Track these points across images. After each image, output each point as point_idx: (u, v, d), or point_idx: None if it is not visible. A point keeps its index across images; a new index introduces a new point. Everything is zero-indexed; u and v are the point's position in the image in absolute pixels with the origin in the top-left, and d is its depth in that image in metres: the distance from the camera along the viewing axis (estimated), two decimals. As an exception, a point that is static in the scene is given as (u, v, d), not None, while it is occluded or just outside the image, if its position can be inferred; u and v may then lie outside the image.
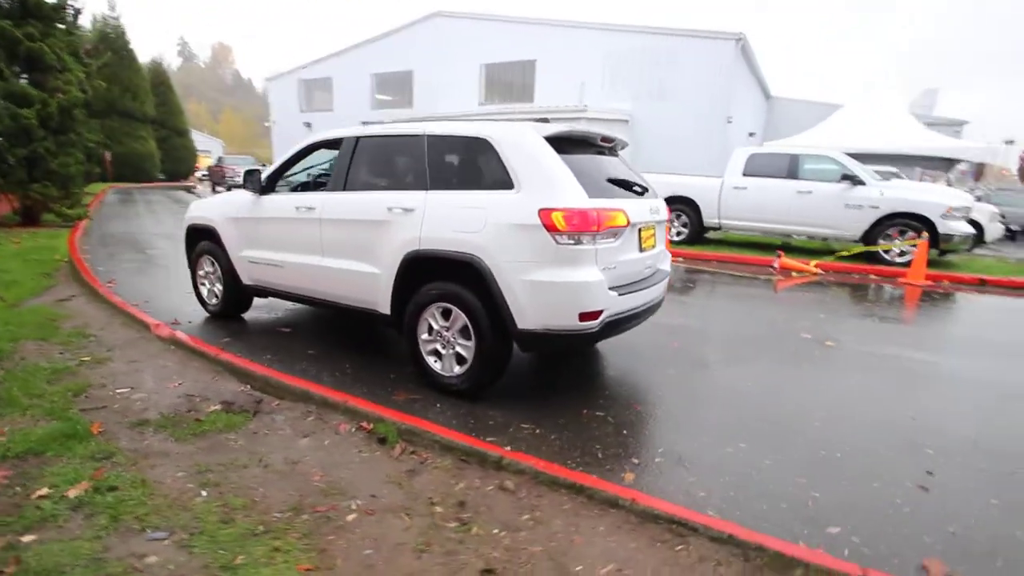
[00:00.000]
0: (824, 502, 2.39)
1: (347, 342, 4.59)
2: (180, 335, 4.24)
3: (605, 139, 3.70)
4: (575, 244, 3.04)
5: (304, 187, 4.94)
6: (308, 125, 25.10)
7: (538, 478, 2.42)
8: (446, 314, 3.44)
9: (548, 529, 2.14)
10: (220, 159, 23.66)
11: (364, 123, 23.58)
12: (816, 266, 8.31)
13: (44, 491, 2.21)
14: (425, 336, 3.55)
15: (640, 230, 3.55)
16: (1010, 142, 27.12)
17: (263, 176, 4.45)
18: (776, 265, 8.23)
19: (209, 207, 5.03)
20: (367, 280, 3.76)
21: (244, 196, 4.63)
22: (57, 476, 2.33)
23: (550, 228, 3.01)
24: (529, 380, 3.89)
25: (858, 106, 17.22)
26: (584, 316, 3.09)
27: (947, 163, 16.58)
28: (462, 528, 2.13)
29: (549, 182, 3.11)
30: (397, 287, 3.58)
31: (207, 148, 41.04)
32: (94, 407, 3.08)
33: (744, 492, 2.44)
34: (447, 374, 3.49)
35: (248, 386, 3.48)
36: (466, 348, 3.38)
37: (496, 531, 2.12)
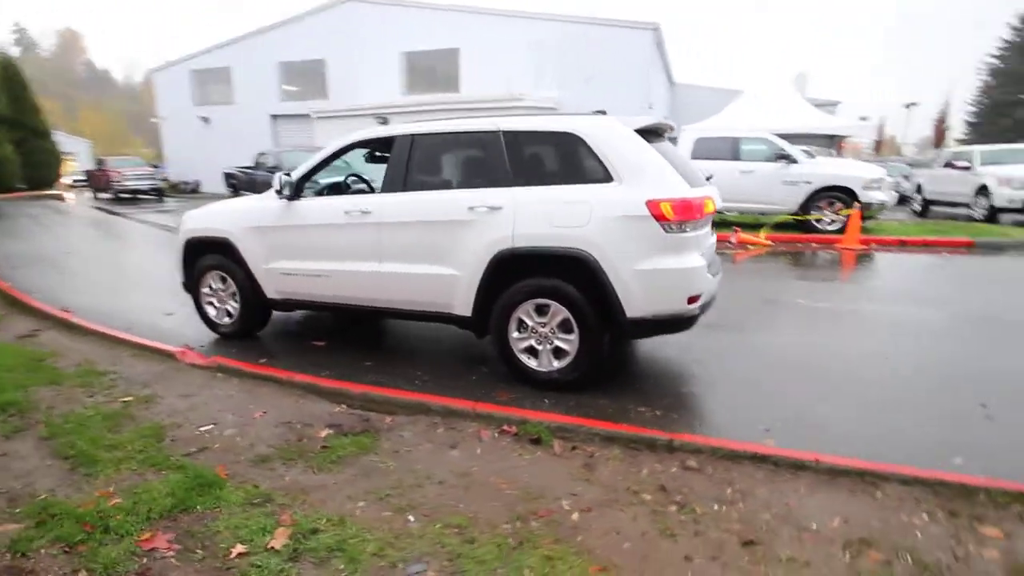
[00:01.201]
0: (925, 439, 2.78)
1: (393, 349, 4.40)
2: (226, 361, 3.82)
3: (670, 127, 3.86)
4: (681, 232, 3.18)
5: (332, 190, 4.61)
6: (206, 120, 22.78)
7: (716, 454, 2.56)
8: (541, 310, 3.44)
9: (758, 498, 2.29)
10: (101, 162, 20.75)
11: (273, 116, 21.96)
12: (766, 238, 9.19)
13: (241, 548, 1.96)
14: (516, 334, 3.53)
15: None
16: (864, 118, 31.37)
17: (294, 180, 4.09)
18: (734, 240, 8.98)
19: (218, 217, 4.52)
20: (441, 283, 3.64)
21: (267, 203, 4.23)
22: (238, 529, 2.07)
23: (659, 218, 3.12)
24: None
25: (755, 91, 18.96)
26: (691, 300, 3.26)
27: (829, 140, 18.87)
28: (685, 511, 2.22)
29: (651, 174, 3.21)
30: (482, 288, 3.51)
31: (72, 150, 35.81)
32: (193, 450, 2.72)
33: (871, 441, 2.77)
34: (544, 369, 3.50)
35: (344, 406, 3.25)
36: (567, 341, 3.41)
37: (716, 507, 2.23)
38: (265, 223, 4.19)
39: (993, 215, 11.43)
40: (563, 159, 3.47)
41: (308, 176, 4.20)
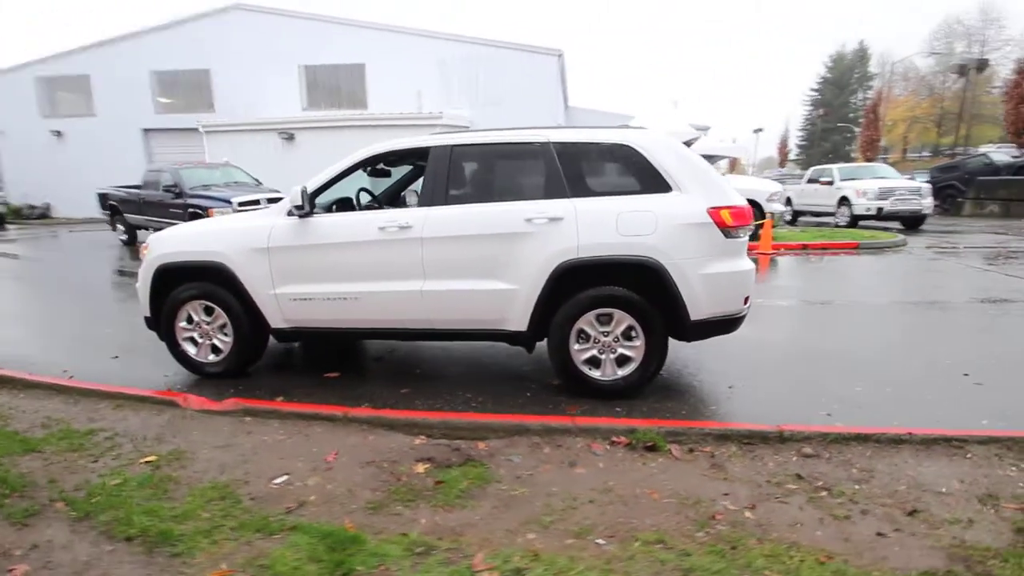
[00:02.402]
0: (947, 405, 3.26)
1: (423, 375, 4.12)
2: (254, 402, 3.29)
3: (695, 140, 4.11)
4: (736, 237, 3.39)
5: (341, 205, 4.22)
6: (58, 134, 19.47)
7: (826, 438, 2.74)
8: (604, 319, 3.46)
9: (883, 473, 2.49)
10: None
11: (145, 130, 19.48)
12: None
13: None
14: (577, 346, 3.50)
15: None
16: (734, 141, 36.00)
17: (308, 195, 3.68)
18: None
19: (205, 239, 3.91)
20: (495, 299, 3.50)
21: (272, 220, 3.77)
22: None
23: (720, 224, 3.31)
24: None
25: (646, 116, 20.77)
26: (745, 300, 3.49)
27: (710, 159, 21.23)
28: (835, 493, 2.34)
29: (706, 183, 3.40)
30: (541, 301, 3.44)
31: None
32: (292, 506, 2.31)
33: (921, 408, 3.17)
34: (607, 379, 3.50)
35: (423, 437, 2.96)
36: (631, 348, 3.46)
37: (857, 487, 2.39)
38: (275, 243, 3.71)
39: (854, 222, 13.59)
40: (619, 170, 3.54)
41: (320, 192, 3.82)
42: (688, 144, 3.76)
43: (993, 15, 41.71)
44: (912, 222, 13.41)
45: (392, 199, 4.97)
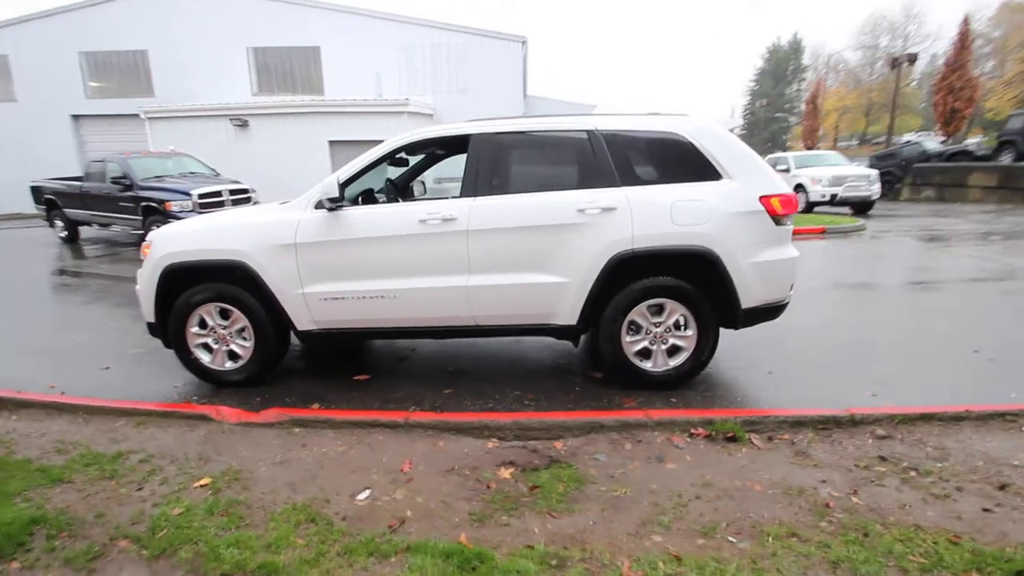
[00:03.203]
0: (972, 381, 3.47)
1: (460, 372, 3.96)
2: (303, 412, 3.04)
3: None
4: (784, 225, 3.43)
5: (366, 197, 3.95)
6: (-31, 121, 17.46)
7: (894, 419, 2.83)
8: (656, 310, 3.43)
9: (956, 450, 2.59)
10: None
11: (75, 116, 17.83)
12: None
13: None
14: (628, 338, 3.46)
15: None
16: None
17: (339, 185, 3.42)
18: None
19: (222, 235, 3.57)
20: (545, 292, 3.40)
21: (297, 215, 3.49)
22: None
23: (771, 212, 3.33)
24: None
25: (609, 105, 20.96)
26: (791, 287, 3.54)
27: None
28: (923, 473, 2.41)
29: (758, 172, 3.40)
30: (593, 293, 3.36)
31: None
32: (395, 524, 2.13)
33: (949, 386, 3.35)
34: (659, 370, 3.49)
35: (494, 440, 2.83)
36: (682, 338, 3.45)
37: (940, 465, 2.47)
38: (304, 239, 3.44)
39: (809, 208, 14.26)
40: (667, 158, 3.47)
41: (349, 183, 3.56)
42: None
43: (914, 11, 44.81)
44: (862, 207, 14.22)
45: (402, 190, 4.75)
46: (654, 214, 3.30)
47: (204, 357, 3.69)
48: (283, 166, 14.42)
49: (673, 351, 3.48)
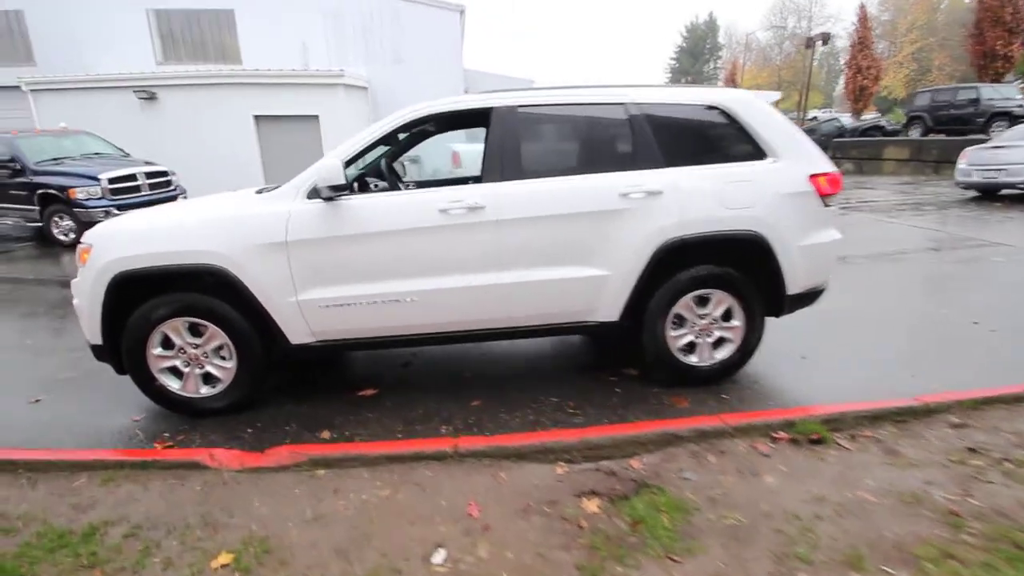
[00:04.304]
0: (987, 356, 3.54)
1: (479, 375, 3.54)
2: (323, 448, 2.50)
3: None
4: (830, 205, 3.25)
5: (361, 185, 3.35)
6: None
7: (963, 405, 2.74)
8: (701, 301, 3.17)
9: (1035, 436, 2.55)
10: None
11: None
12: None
13: None
14: (673, 332, 3.18)
15: None
16: None
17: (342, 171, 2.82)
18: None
19: (194, 233, 2.87)
20: (585, 287, 3.04)
21: (287, 205, 2.89)
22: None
23: (820, 192, 3.14)
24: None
25: (548, 80, 20.56)
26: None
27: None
28: (1015, 462, 2.33)
29: (803, 148, 3.18)
30: (639, 285, 3.04)
31: None
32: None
33: (967, 362, 3.37)
34: (705, 364, 3.25)
35: (562, 463, 2.45)
36: (728, 329, 3.22)
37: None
38: (297, 235, 2.84)
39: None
40: (709, 135, 3.18)
41: (347, 166, 2.98)
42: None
43: (817, -6, 47.54)
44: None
45: (380, 172, 4.16)
46: (704, 197, 3.00)
47: (172, 384, 3.02)
48: (203, 145, 12.92)
49: (718, 343, 3.25)
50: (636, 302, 3.08)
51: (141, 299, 2.89)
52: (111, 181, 8.42)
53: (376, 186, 3.61)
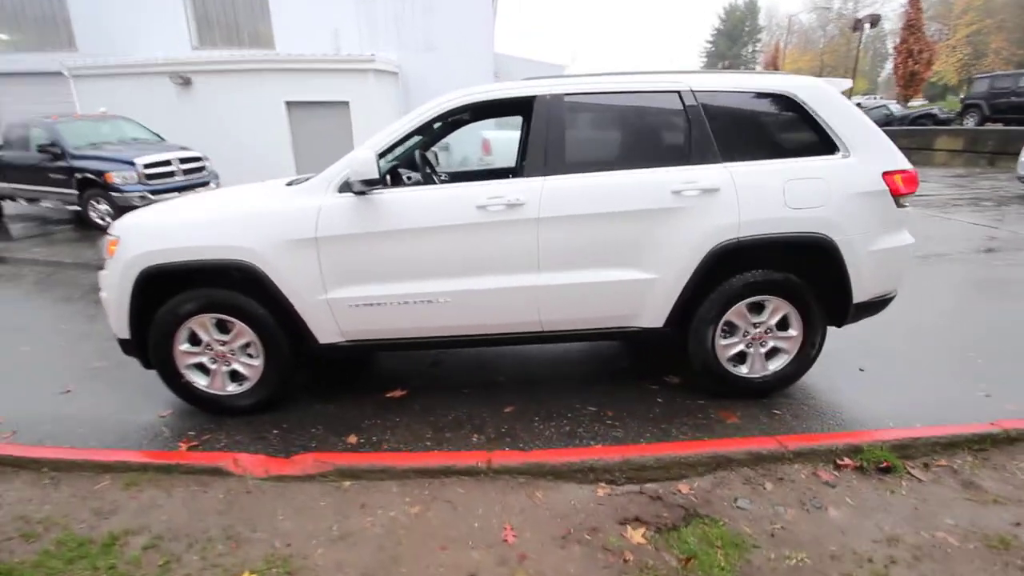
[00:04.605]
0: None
1: (513, 379, 3.38)
2: (348, 457, 2.38)
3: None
4: (904, 206, 2.95)
5: (393, 177, 3.19)
6: None
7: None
8: (755, 308, 2.92)
9: None
10: None
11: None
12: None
13: None
14: (723, 341, 2.95)
15: None
16: None
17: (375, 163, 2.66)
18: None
19: (224, 227, 2.76)
20: (629, 291, 2.83)
21: (318, 199, 2.74)
22: None
23: (894, 191, 2.84)
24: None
25: (581, 67, 20.07)
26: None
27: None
28: None
29: (877, 143, 2.88)
30: (688, 290, 2.81)
31: None
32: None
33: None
34: (756, 375, 3.02)
35: (603, 484, 2.27)
36: (784, 340, 2.97)
37: None
38: (327, 231, 2.70)
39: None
40: (777, 126, 2.90)
41: (381, 157, 2.81)
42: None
43: (866, -26, 45.22)
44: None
45: (413, 162, 3.98)
46: (765, 196, 2.74)
47: (199, 380, 2.94)
48: (236, 131, 12.98)
49: (771, 353, 3.01)
50: (683, 308, 2.86)
51: (169, 293, 2.81)
52: (146, 166, 8.48)
53: (409, 178, 3.44)
